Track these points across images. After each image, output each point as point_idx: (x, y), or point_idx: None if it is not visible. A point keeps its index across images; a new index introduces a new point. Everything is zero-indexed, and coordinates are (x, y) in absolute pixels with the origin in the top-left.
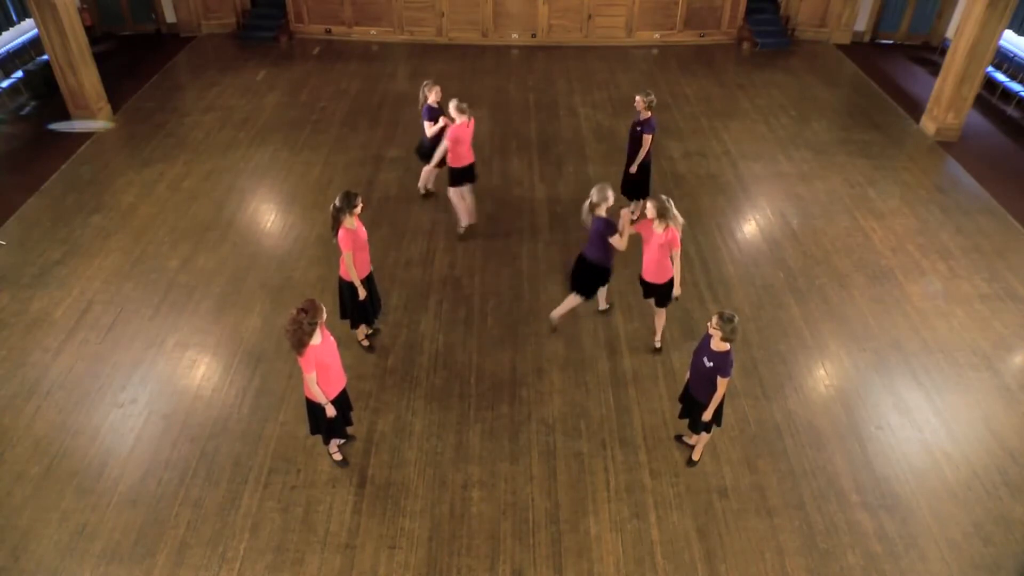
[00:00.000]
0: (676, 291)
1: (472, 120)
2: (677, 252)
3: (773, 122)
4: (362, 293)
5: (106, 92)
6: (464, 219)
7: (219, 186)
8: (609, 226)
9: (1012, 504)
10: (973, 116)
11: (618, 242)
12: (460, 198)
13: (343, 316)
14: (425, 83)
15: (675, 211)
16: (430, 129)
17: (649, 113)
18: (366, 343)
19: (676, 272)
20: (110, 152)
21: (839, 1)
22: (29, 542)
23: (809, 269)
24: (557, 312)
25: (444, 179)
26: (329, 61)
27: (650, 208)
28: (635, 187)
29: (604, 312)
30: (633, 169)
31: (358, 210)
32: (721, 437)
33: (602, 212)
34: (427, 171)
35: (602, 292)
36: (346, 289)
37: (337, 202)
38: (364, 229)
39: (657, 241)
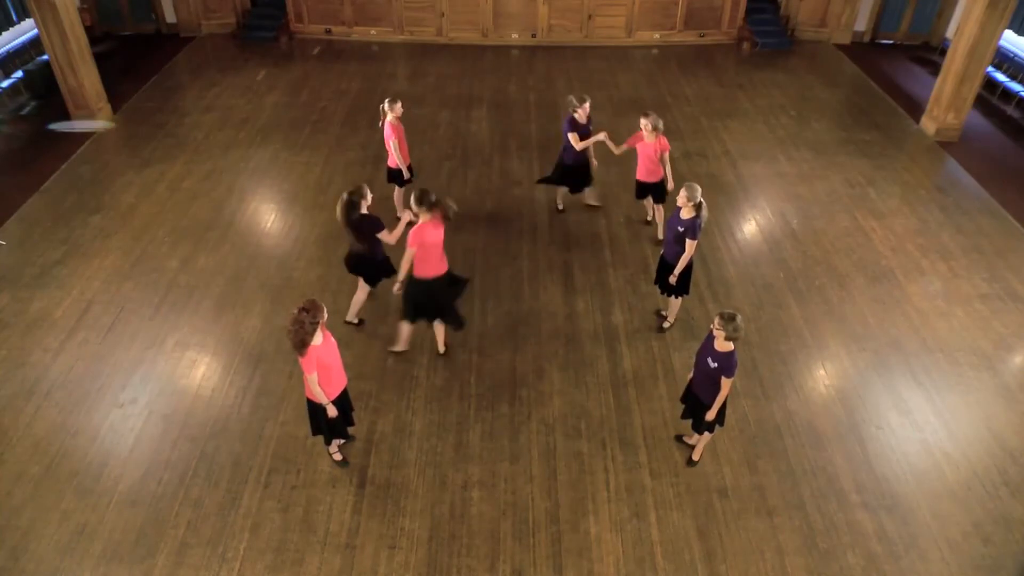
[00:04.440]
0: (670, 185)
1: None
2: (667, 154)
3: (773, 122)
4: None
5: (106, 92)
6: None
7: (219, 186)
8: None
9: (1012, 504)
10: (973, 116)
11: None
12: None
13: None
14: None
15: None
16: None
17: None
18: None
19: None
20: (110, 152)
21: (839, 1)
22: (29, 542)
23: (809, 269)
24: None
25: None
26: (329, 61)
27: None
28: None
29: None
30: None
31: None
32: (721, 437)
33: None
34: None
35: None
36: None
37: (414, 205)
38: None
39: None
